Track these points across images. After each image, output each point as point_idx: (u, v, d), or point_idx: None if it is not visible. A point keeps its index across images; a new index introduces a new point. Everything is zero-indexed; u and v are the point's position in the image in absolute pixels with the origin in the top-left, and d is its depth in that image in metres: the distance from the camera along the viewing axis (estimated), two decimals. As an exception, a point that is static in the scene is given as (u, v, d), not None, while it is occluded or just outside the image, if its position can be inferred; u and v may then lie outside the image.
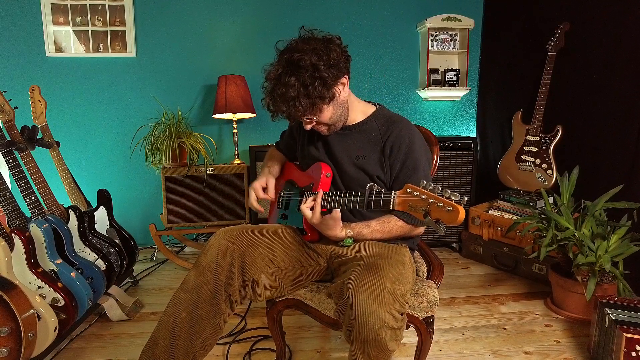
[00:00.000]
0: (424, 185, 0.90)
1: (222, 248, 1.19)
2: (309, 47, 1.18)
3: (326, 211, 1.33)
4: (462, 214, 0.82)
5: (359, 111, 1.37)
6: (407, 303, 1.08)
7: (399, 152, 1.28)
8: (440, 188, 0.87)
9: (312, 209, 1.22)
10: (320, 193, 1.21)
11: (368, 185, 1.06)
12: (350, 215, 1.35)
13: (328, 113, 1.26)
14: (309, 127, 1.29)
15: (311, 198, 1.23)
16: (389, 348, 1.01)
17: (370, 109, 1.39)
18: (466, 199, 0.85)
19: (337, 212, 1.19)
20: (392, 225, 1.25)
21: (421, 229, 1.31)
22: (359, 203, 1.08)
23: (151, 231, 2.53)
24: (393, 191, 0.98)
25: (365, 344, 1.01)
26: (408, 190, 0.93)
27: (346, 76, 1.25)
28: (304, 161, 1.48)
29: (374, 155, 1.31)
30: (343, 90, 1.26)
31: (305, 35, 1.23)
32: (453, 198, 0.84)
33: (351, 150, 1.34)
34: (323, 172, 1.35)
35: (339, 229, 1.21)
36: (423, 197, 0.88)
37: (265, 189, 1.46)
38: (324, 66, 1.17)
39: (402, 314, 1.05)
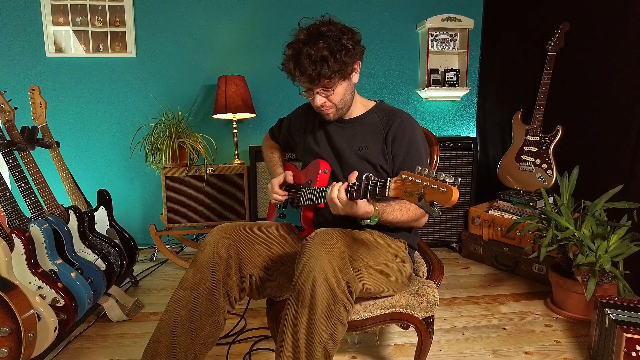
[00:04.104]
0: (418, 170, 0.91)
1: (218, 245, 1.20)
2: (335, 25, 1.24)
3: (323, 206, 1.33)
4: (455, 194, 0.84)
5: (360, 105, 1.40)
6: (362, 284, 1.09)
7: (401, 142, 1.30)
8: (434, 172, 0.88)
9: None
10: (341, 184, 1.13)
11: (364, 175, 1.06)
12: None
13: (341, 91, 1.28)
14: (319, 102, 1.28)
15: (334, 189, 1.12)
16: (317, 319, 0.99)
17: (371, 103, 1.42)
18: (460, 179, 0.87)
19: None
20: (409, 205, 1.24)
21: (425, 219, 1.30)
22: (355, 193, 1.08)
23: (151, 231, 2.53)
24: (389, 178, 0.98)
25: (298, 298, 1.01)
26: (403, 176, 0.93)
27: (360, 62, 1.30)
28: (305, 157, 1.48)
29: (377, 146, 1.33)
30: (356, 75, 1.30)
31: (329, 18, 1.28)
32: (447, 180, 0.86)
33: (353, 142, 1.35)
34: (321, 169, 1.35)
35: (367, 205, 1.14)
36: (417, 181, 0.89)
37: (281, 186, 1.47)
38: (347, 40, 1.22)
39: (348, 286, 1.03)
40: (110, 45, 2.74)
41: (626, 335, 1.34)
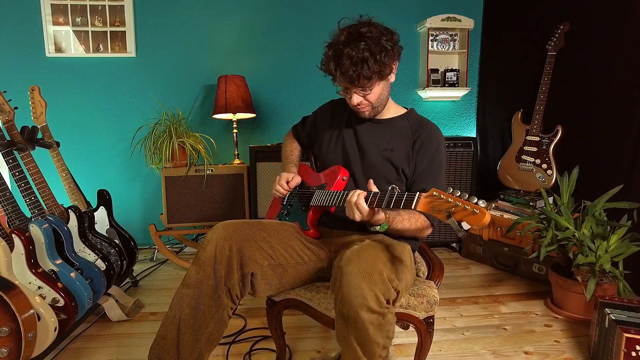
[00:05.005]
0: (451, 191, 0.92)
1: (220, 242, 1.20)
2: (374, 26, 1.26)
3: (334, 210, 1.34)
4: (487, 217, 0.86)
5: (393, 108, 1.42)
6: (397, 291, 1.08)
7: (427, 151, 1.32)
8: (467, 195, 0.91)
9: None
10: (361, 192, 1.13)
11: (390, 186, 1.07)
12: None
13: (379, 90, 1.29)
14: (357, 100, 1.29)
15: (355, 196, 1.12)
16: (371, 336, 1.01)
17: (402, 110, 1.44)
18: (493, 205, 0.88)
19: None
20: (418, 217, 1.25)
21: (430, 230, 1.32)
22: (377, 202, 1.08)
23: (151, 231, 2.53)
24: (417, 193, 0.99)
25: (345, 321, 1.02)
26: (434, 193, 0.95)
27: (397, 62, 1.30)
28: (327, 151, 1.46)
29: (403, 150, 1.34)
30: (393, 75, 1.31)
31: (368, 19, 1.30)
32: (480, 203, 0.88)
33: (381, 142, 1.37)
34: (340, 175, 1.36)
35: (380, 212, 1.15)
36: (450, 200, 0.91)
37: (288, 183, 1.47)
38: (387, 41, 1.23)
39: (388, 301, 1.04)
40: (110, 45, 2.74)
41: (626, 335, 1.34)
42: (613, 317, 1.44)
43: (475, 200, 0.88)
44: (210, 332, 1.19)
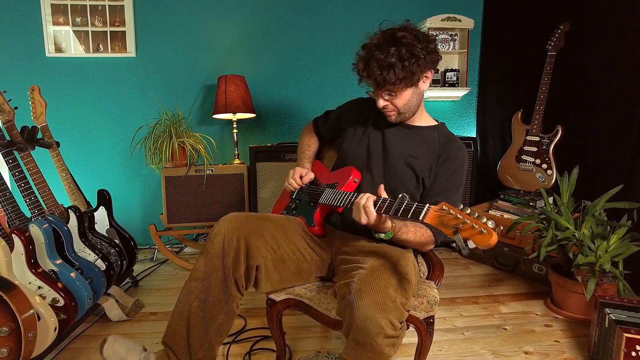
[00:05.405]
0: (461, 208, 0.92)
1: (229, 234, 1.21)
2: (411, 32, 1.24)
3: (341, 210, 1.34)
4: (494, 238, 0.85)
5: (425, 118, 1.42)
6: (408, 311, 1.09)
7: (450, 165, 1.32)
8: (477, 214, 0.90)
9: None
10: (370, 195, 1.14)
11: (401, 194, 1.07)
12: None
13: (406, 96, 1.29)
14: (382, 104, 1.30)
15: (364, 198, 1.12)
16: (385, 353, 1.02)
17: (434, 122, 1.44)
18: (502, 228, 0.88)
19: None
20: (424, 231, 1.25)
21: (432, 246, 1.32)
22: (386, 208, 1.07)
23: (151, 231, 2.53)
24: (427, 204, 0.98)
25: (360, 346, 1.02)
26: (444, 207, 0.94)
27: (432, 71, 1.30)
28: (348, 146, 1.45)
29: (427, 160, 1.34)
30: (425, 83, 1.30)
31: (407, 24, 1.29)
32: (489, 224, 0.87)
33: (406, 148, 1.36)
34: (352, 177, 1.36)
35: (387, 220, 1.16)
36: (459, 216, 0.90)
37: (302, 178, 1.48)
38: (421, 49, 1.22)
39: (401, 322, 1.05)
40: (110, 45, 2.74)
41: (626, 335, 1.35)
42: (613, 317, 1.44)
43: (485, 220, 0.87)
44: (220, 324, 1.21)
